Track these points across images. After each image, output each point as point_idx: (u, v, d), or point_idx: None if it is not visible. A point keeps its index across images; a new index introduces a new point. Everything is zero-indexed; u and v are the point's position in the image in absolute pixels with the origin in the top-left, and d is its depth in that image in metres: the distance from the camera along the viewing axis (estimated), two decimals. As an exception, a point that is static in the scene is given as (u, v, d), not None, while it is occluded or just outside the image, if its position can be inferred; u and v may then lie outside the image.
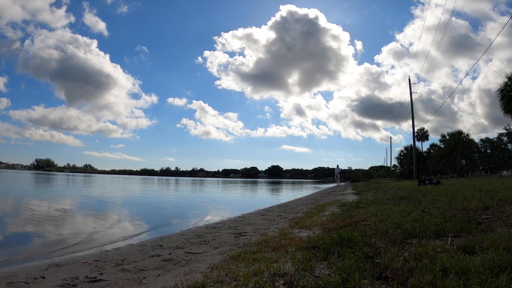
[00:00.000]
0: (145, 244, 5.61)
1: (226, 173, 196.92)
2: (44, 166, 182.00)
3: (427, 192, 10.42)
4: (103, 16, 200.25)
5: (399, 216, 5.32)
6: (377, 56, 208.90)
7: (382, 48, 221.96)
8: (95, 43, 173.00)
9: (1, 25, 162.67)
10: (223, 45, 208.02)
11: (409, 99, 44.18)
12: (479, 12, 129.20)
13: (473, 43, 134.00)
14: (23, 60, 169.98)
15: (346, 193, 17.81)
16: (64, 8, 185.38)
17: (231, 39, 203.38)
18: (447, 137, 57.09)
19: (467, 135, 55.85)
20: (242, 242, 5.06)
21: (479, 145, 73.77)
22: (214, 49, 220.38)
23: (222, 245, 5.06)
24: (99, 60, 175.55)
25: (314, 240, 4.25)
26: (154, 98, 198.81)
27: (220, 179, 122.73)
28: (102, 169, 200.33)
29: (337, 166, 43.49)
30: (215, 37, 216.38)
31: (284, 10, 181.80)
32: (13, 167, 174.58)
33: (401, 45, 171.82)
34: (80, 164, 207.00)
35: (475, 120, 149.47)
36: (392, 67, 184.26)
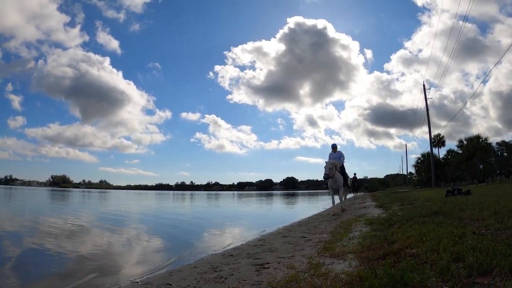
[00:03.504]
0: (151, 282, 4.81)
1: (241, 186, 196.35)
2: (60, 183, 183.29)
3: (462, 204, 9.51)
4: (116, 35, 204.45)
5: (451, 242, 4.43)
6: (386, 64, 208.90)
7: (391, 56, 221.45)
8: (107, 60, 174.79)
9: (15, 45, 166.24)
10: (234, 59, 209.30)
11: (421, 105, 43.67)
12: (486, 15, 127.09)
13: (482, 46, 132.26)
14: (37, 79, 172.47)
15: (368, 206, 16.87)
16: (78, 27, 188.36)
17: (240, 53, 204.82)
18: (465, 142, 55.85)
19: (485, 139, 54.63)
20: (266, 280, 4.24)
21: (495, 149, 72.06)
22: (224, 64, 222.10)
23: (241, 284, 4.24)
24: (112, 77, 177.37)
25: (356, 281, 3.43)
26: (168, 114, 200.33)
27: (235, 192, 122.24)
28: (118, 185, 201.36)
29: (334, 146, 15.31)
30: (225, 52, 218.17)
31: (292, 22, 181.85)
32: (29, 183, 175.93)
33: (410, 52, 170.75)
34: (95, 180, 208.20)
35: (488, 124, 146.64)
36: (402, 74, 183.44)
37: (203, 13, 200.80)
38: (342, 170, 14.61)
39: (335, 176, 13.83)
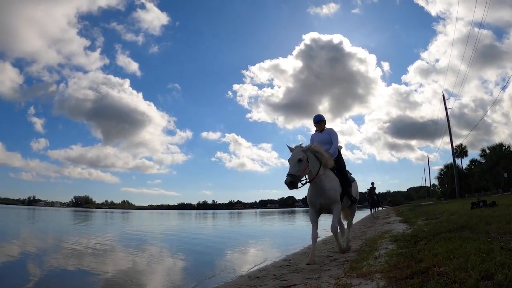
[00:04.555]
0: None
1: (264, 204, 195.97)
2: (82, 203, 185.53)
3: (488, 217, 9.38)
4: (136, 57, 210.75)
5: (479, 259, 4.41)
6: (404, 76, 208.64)
7: (408, 68, 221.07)
8: (127, 82, 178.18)
9: (37, 69, 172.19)
10: (252, 78, 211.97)
11: (441, 115, 43.36)
12: (500, 20, 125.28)
13: (500, 52, 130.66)
14: (59, 102, 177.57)
15: (392, 221, 16.69)
16: (98, 51, 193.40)
17: (258, 71, 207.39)
18: (488, 151, 54.88)
19: (508, 146, 53.60)
20: (295, 302, 4.29)
21: (519, 156, 70.55)
22: (243, 83, 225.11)
23: (271, 306, 4.29)
24: (132, 98, 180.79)
25: (385, 301, 3.46)
26: (188, 134, 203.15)
27: (258, 210, 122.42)
28: (140, 205, 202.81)
29: (318, 119, 8.26)
30: (243, 71, 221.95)
31: (308, 38, 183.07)
32: (52, 204, 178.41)
33: (427, 62, 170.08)
34: (117, 200, 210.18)
35: (510, 131, 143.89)
36: (420, 85, 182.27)
37: (220, 33, 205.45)
38: (339, 164, 7.56)
39: (321, 180, 6.86)
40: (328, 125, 8.09)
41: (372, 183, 25.72)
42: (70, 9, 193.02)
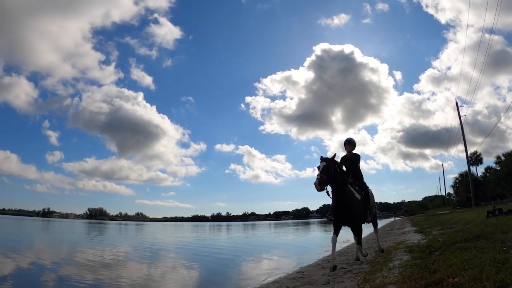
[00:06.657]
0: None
1: (278, 216, 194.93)
2: (97, 215, 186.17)
3: (504, 226, 9.28)
4: (149, 71, 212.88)
5: (494, 269, 4.37)
6: (416, 85, 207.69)
7: (420, 76, 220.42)
8: (141, 95, 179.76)
9: (52, 83, 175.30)
10: (264, 90, 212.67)
11: (454, 123, 42.72)
12: (511, 25, 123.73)
13: (511, 57, 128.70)
14: (73, 115, 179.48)
15: (407, 231, 16.53)
16: (113, 65, 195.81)
17: (270, 83, 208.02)
18: (503, 158, 54.04)
19: (524, 153, 52.74)
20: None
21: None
22: (255, 95, 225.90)
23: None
24: (146, 111, 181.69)
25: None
26: (202, 146, 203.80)
27: (272, 222, 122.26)
28: (154, 217, 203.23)
29: None
30: (255, 83, 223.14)
31: (318, 49, 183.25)
32: (66, 216, 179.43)
33: (438, 70, 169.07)
34: (132, 212, 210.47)
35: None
36: (433, 93, 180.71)
37: (232, 46, 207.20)
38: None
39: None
40: (340, 136, 7.67)
41: (349, 141, 8.67)
42: (84, 24, 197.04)
